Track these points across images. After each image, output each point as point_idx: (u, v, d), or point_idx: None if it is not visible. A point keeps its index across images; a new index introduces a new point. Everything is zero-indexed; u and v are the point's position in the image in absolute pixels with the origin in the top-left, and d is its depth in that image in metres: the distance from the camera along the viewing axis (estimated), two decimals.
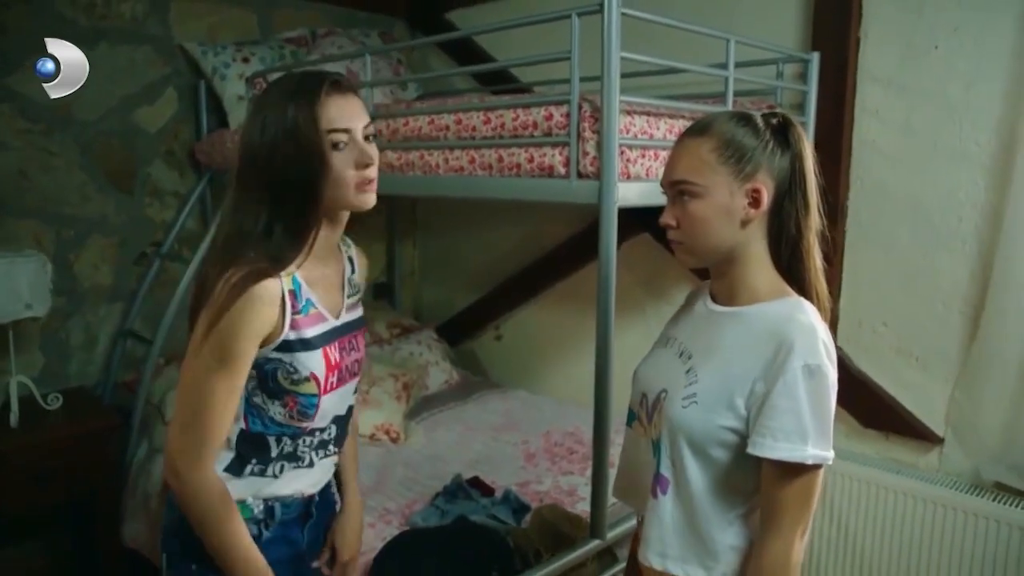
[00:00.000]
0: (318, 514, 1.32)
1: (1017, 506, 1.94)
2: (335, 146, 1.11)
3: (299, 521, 1.28)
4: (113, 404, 2.64)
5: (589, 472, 2.31)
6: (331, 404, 1.23)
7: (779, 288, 1.09)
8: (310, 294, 1.17)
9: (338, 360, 1.22)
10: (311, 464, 1.26)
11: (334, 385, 1.22)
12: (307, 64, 2.78)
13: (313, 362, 1.16)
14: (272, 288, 1.10)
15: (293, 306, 1.14)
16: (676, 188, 1.08)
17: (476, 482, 2.11)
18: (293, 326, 1.14)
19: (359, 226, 3.63)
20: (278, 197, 1.11)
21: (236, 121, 2.70)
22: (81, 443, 2.30)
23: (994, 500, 1.96)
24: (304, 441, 1.23)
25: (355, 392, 1.32)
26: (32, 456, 2.20)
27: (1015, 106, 1.90)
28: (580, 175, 1.59)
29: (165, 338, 2.57)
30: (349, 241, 1.35)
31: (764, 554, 1.02)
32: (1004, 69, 1.92)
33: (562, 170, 1.61)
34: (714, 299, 1.15)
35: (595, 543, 1.66)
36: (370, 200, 1.18)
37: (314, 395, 1.18)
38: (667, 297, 2.71)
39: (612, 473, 1.72)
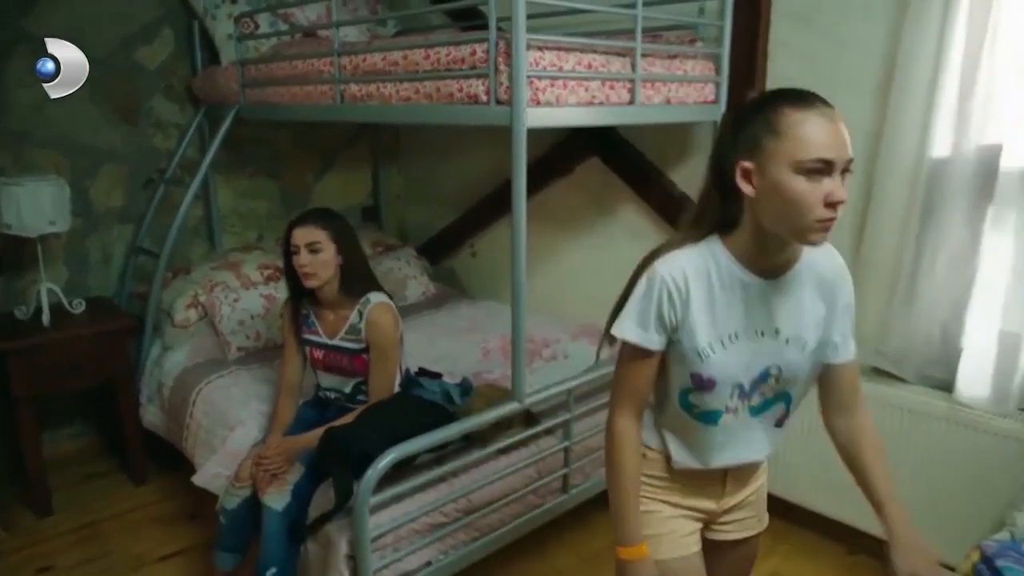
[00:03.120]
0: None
1: (889, 386, 2.28)
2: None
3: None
4: (129, 312, 3.03)
5: (535, 364, 2.68)
6: (322, 379, 2.25)
7: None
8: (314, 319, 2.21)
9: (320, 358, 2.21)
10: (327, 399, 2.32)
11: (320, 368, 2.23)
12: (289, 5, 3.05)
13: (304, 350, 2.26)
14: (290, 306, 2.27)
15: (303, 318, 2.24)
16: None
17: (423, 372, 2.47)
18: (298, 331, 2.23)
19: (344, 154, 3.94)
20: None
21: (227, 58, 2.99)
22: (103, 340, 2.72)
23: (868, 381, 2.30)
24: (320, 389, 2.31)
25: (352, 386, 2.20)
26: (63, 349, 2.64)
27: (895, 37, 2.15)
28: (498, 102, 1.90)
29: (170, 253, 2.94)
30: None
31: (869, 423, 1.34)
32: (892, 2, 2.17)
33: (484, 98, 1.92)
34: (762, 275, 1.21)
35: (514, 404, 2.03)
36: (304, 283, 2.12)
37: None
38: (613, 215, 3.02)
39: (527, 346, 2.06)
